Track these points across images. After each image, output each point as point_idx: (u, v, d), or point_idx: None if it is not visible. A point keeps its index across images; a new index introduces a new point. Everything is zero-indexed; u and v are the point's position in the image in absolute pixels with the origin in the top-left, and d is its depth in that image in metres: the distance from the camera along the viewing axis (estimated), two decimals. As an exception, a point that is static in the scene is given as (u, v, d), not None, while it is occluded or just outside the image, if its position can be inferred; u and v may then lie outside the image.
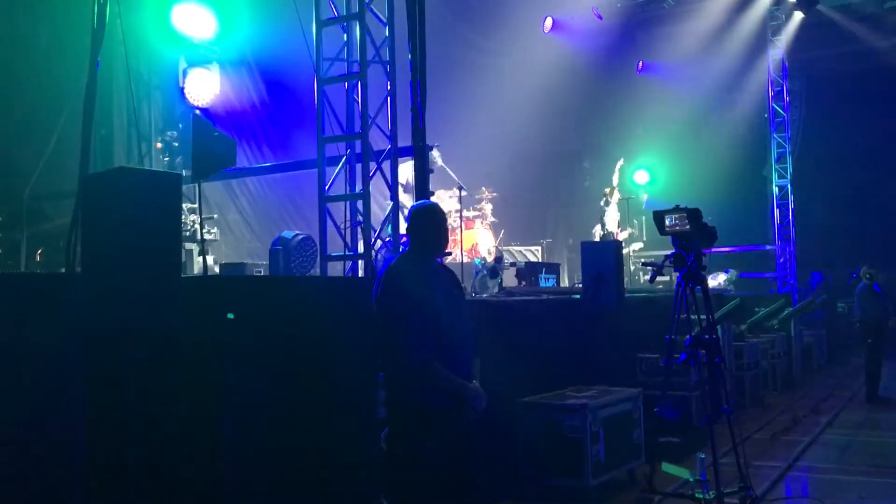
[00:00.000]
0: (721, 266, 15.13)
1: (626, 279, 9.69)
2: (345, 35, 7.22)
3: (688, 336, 5.90)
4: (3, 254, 9.24)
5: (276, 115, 11.43)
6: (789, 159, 16.57)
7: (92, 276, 3.68)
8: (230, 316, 3.43)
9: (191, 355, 3.85)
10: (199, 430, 3.84)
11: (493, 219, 11.96)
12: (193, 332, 3.95)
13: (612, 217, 13.19)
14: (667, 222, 6.12)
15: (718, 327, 6.73)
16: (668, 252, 6.12)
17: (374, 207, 7.20)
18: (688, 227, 6.01)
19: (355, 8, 7.01)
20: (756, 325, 11.86)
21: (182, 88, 10.05)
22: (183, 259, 7.90)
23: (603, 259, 7.92)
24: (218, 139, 5.37)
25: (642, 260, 13.33)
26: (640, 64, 17.86)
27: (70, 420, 3.59)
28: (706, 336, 5.79)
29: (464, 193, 10.72)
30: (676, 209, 6.09)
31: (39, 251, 9.54)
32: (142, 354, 3.56)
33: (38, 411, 3.66)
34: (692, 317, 5.96)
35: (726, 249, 15.01)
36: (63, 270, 5.05)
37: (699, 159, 16.84)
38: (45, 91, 9.41)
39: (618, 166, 14.29)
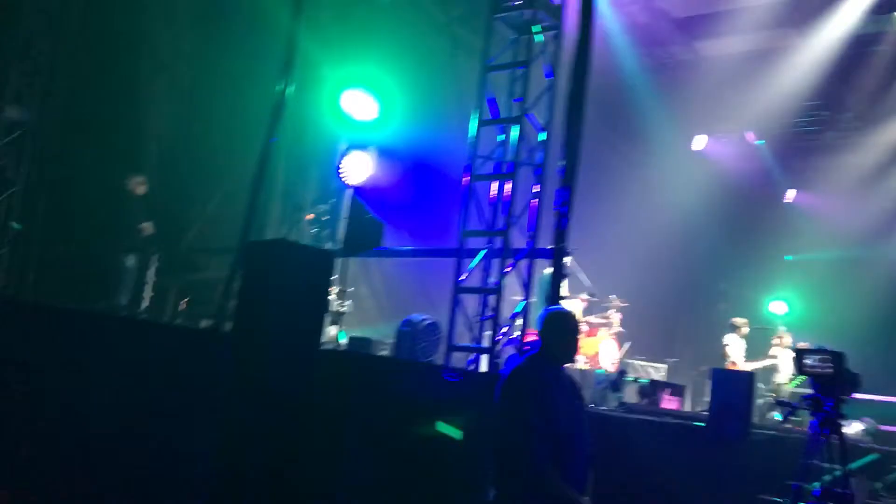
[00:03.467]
0: (858, 414, 14.13)
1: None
2: (501, 136, 7.48)
3: (818, 486, 5.56)
4: (154, 297, 9.89)
5: (421, 201, 11.83)
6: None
7: (241, 335, 3.91)
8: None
9: (317, 421, 3.98)
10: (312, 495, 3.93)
11: (619, 328, 11.75)
12: (321, 402, 4.09)
13: (736, 349, 12.64)
14: (807, 362, 5.88)
15: (852, 480, 6.29)
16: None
17: (504, 304, 7.28)
18: (829, 370, 5.75)
19: (515, 111, 7.27)
20: (894, 484, 10.95)
21: (338, 167, 10.63)
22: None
23: (734, 389, 7.61)
24: (369, 221, 5.65)
25: (775, 396, 12.66)
26: (792, 193, 17.38)
27: (199, 468, 3.75)
28: (838, 489, 5.45)
29: (593, 299, 10.64)
30: (819, 350, 5.85)
31: (185, 300, 10.15)
32: (276, 416, 3.71)
33: (170, 454, 3.84)
34: (824, 465, 5.62)
35: (867, 397, 14.04)
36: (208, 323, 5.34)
37: (844, 299, 15.99)
38: (218, 152, 10.17)
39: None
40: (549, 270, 8.35)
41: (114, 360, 3.62)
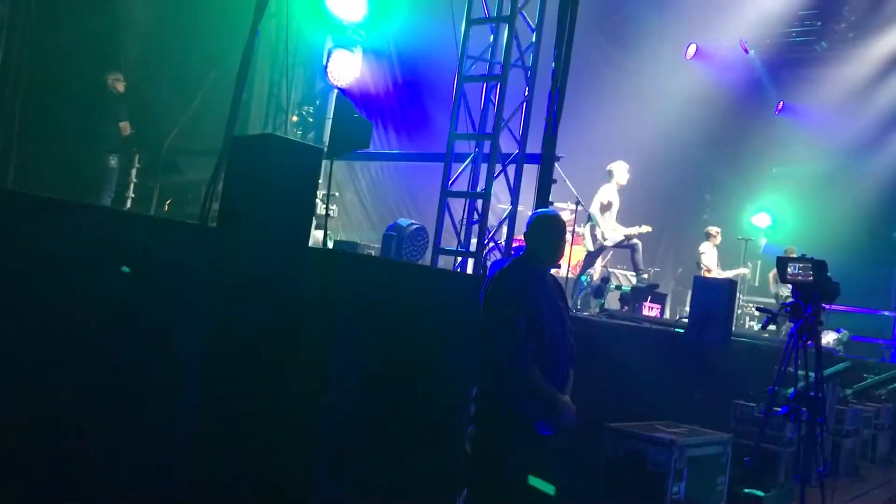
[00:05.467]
0: (833, 324, 14.47)
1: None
2: (492, 36, 7.31)
3: (792, 390, 5.71)
4: (136, 199, 9.79)
5: (409, 104, 11.66)
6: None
7: (226, 231, 3.88)
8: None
9: (304, 323, 4.01)
10: (301, 401, 4.00)
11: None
12: (309, 302, 4.11)
13: (710, 257, 12.77)
14: (789, 270, 5.97)
15: (824, 386, 6.46)
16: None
17: (491, 208, 7.27)
18: (811, 278, 5.84)
19: (506, 10, 7.09)
20: (863, 391, 11.29)
21: (325, 67, 10.40)
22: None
23: (715, 297, 7.73)
24: (356, 121, 5.55)
25: (754, 305, 12.89)
26: (781, 104, 17.26)
27: (183, 364, 3.78)
28: (812, 393, 5.60)
29: (579, 209, 10.65)
30: (802, 258, 5.92)
31: (168, 202, 10.06)
32: (262, 314, 3.73)
33: (154, 350, 3.85)
34: (799, 371, 5.77)
35: (842, 308, 14.33)
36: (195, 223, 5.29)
37: (826, 212, 16.12)
38: (199, 50, 9.88)
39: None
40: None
41: (97, 251, 3.58)
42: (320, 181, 9.14)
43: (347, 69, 10.45)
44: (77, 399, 3.51)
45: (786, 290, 13.02)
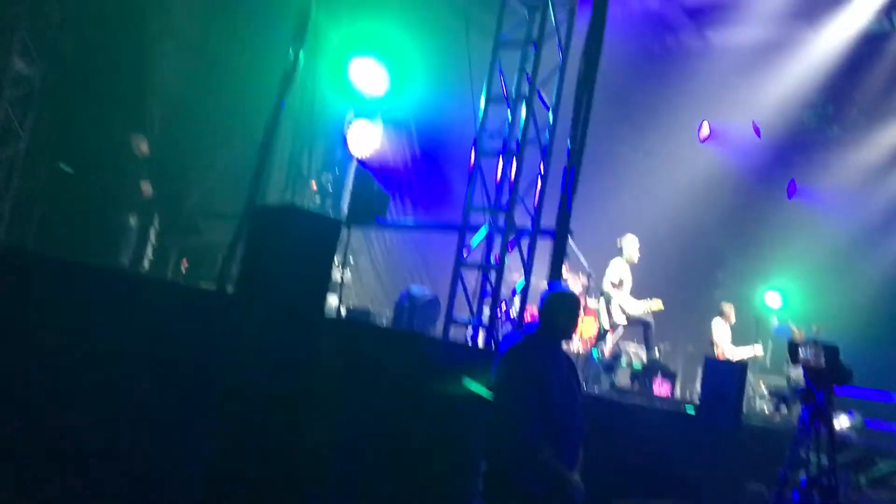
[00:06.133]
0: (846, 405, 14.25)
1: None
2: (509, 113, 7.49)
3: (804, 475, 5.64)
4: (154, 259, 9.91)
5: (426, 175, 11.85)
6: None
7: (245, 297, 3.94)
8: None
9: (316, 390, 4.03)
10: (312, 467, 3.99)
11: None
12: (322, 370, 4.14)
13: (722, 334, 12.70)
14: (800, 354, 5.95)
15: (837, 472, 6.38)
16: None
17: (504, 281, 7.33)
18: (823, 362, 5.82)
19: (524, 90, 7.28)
20: (879, 480, 11.07)
21: (345, 137, 10.62)
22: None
23: (726, 378, 7.70)
24: (375, 192, 5.67)
25: (765, 387, 12.76)
26: (793, 186, 17.39)
27: (197, 427, 3.80)
28: (825, 480, 5.53)
29: (591, 282, 10.68)
30: (814, 342, 5.92)
31: (185, 263, 10.18)
32: (275, 380, 3.76)
33: (168, 413, 3.88)
34: (811, 456, 5.70)
35: (855, 391, 14.16)
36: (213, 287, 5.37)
37: (839, 294, 16.06)
38: (223, 116, 10.15)
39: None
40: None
41: (114, 313, 3.64)
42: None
43: (367, 140, 10.68)
44: (94, 453, 3.52)
45: (799, 372, 12.89)
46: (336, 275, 8.67)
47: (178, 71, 10.15)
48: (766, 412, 12.33)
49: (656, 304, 10.68)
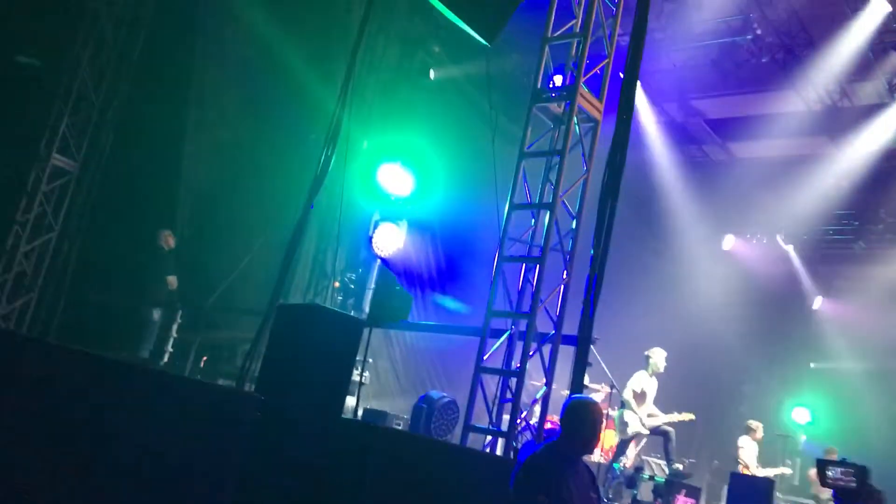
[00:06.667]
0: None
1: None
2: (533, 220, 7.55)
3: None
4: (174, 353, 9.92)
5: (449, 278, 11.90)
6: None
7: (265, 396, 3.90)
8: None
9: (331, 493, 3.94)
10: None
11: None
12: (337, 471, 4.05)
13: (749, 452, 12.33)
14: (830, 474, 5.74)
15: None
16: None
17: (525, 387, 7.23)
18: (853, 484, 5.61)
19: (548, 197, 7.37)
20: None
21: (370, 238, 10.77)
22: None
23: (752, 495, 7.43)
24: (397, 293, 5.68)
25: (794, 507, 12.30)
26: (819, 300, 17.24)
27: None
28: None
29: (613, 392, 10.50)
30: (843, 462, 5.72)
31: (205, 358, 10.17)
32: (292, 482, 3.68)
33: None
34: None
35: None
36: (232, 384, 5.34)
37: (869, 411, 15.67)
38: (252, 214, 10.35)
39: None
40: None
41: (133, 408, 3.62)
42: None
43: (391, 240, 10.81)
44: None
45: (826, 494, 12.46)
46: (355, 375, 8.62)
47: (208, 169, 10.42)
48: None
49: (687, 416, 10.47)
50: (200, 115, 10.36)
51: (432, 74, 11.85)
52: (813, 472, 12.40)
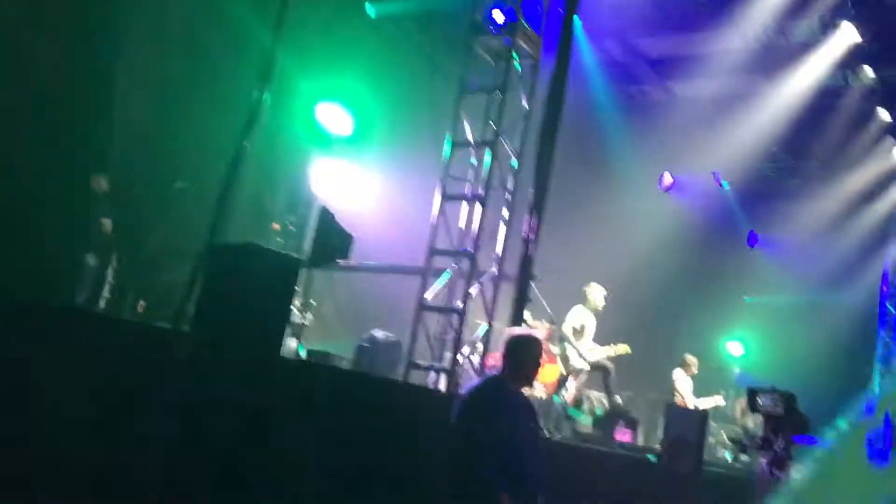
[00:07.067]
0: (805, 457, 14.28)
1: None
2: (474, 158, 7.53)
3: (764, 524, 5.62)
4: (110, 298, 9.69)
5: (391, 217, 11.83)
6: (894, 360, 15.84)
7: (200, 337, 3.86)
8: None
9: (274, 432, 3.94)
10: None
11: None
12: (279, 411, 4.05)
13: (684, 385, 12.75)
14: (759, 402, 5.97)
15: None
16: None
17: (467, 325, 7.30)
18: (780, 410, 5.85)
19: (489, 135, 7.34)
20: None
21: (310, 178, 10.60)
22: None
23: (687, 426, 7.70)
24: (338, 232, 5.62)
25: (727, 434, 12.78)
26: (753, 235, 17.68)
27: (150, 470, 3.68)
28: (785, 529, 5.51)
29: (554, 328, 10.68)
30: (772, 390, 5.95)
31: (142, 302, 9.97)
32: (232, 421, 3.66)
33: (120, 455, 3.75)
34: (772, 504, 5.69)
35: (813, 440, 14.20)
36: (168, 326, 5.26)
37: (799, 342, 16.28)
38: (186, 155, 10.06)
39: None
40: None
41: (65, 352, 3.54)
42: (298, 290, 9.19)
43: (332, 181, 10.66)
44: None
45: (751, 422, 13.04)
46: (297, 317, 8.58)
47: (140, 109, 10.06)
48: (728, 460, 12.35)
49: (623, 349, 10.71)
50: (130, 53, 9.95)
51: (371, 11, 11.57)
52: (741, 402, 12.91)
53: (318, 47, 10.82)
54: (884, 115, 13.04)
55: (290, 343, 8.04)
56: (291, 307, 9.28)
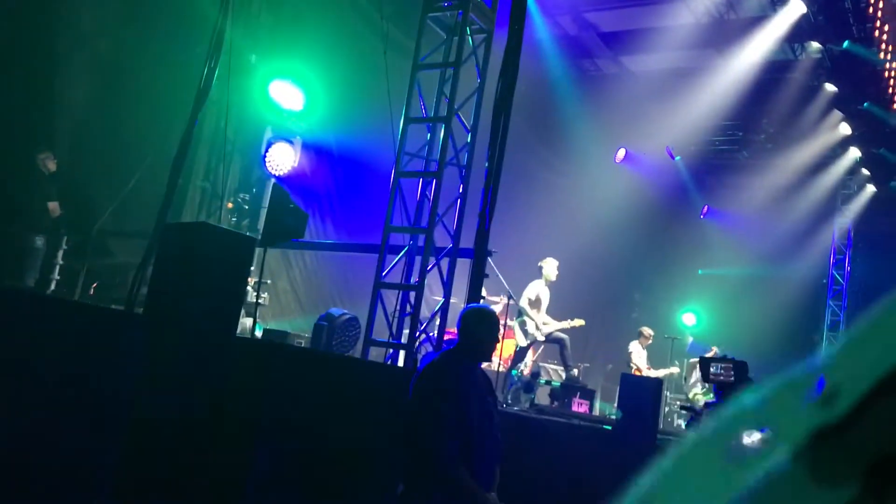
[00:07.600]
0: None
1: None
2: (429, 134, 7.51)
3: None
4: (61, 281, 9.51)
5: (346, 195, 11.77)
6: (842, 329, 16.35)
7: (153, 319, 3.81)
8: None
9: (229, 411, 3.92)
10: (224, 490, 3.87)
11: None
12: (234, 391, 4.03)
13: (639, 356, 12.99)
14: (711, 370, 6.12)
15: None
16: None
17: (424, 301, 7.32)
18: (732, 378, 6.00)
19: (443, 111, 7.32)
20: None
21: (263, 156, 10.47)
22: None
23: (641, 394, 7.82)
24: (292, 211, 5.58)
25: (679, 403, 13.08)
26: (705, 208, 18.00)
27: (106, 451, 3.65)
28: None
29: (511, 302, 10.77)
30: (724, 359, 6.09)
31: (95, 285, 9.80)
32: (186, 402, 3.64)
33: (78, 436, 3.72)
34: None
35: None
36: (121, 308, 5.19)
37: (750, 312, 16.67)
38: (136, 134, 9.86)
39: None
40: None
41: (17, 335, 3.48)
42: (253, 269, 9.12)
43: (286, 158, 10.55)
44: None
45: (697, 390, 13.38)
46: (252, 296, 8.51)
47: (88, 86, 9.83)
48: (682, 427, 12.64)
49: (578, 323, 10.85)
50: (76, 29, 9.69)
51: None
52: (693, 372, 13.21)
53: (267, 21, 10.67)
54: (830, 88, 13.31)
55: (247, 322, 7.98)
56: (247, 286, 9.22)
